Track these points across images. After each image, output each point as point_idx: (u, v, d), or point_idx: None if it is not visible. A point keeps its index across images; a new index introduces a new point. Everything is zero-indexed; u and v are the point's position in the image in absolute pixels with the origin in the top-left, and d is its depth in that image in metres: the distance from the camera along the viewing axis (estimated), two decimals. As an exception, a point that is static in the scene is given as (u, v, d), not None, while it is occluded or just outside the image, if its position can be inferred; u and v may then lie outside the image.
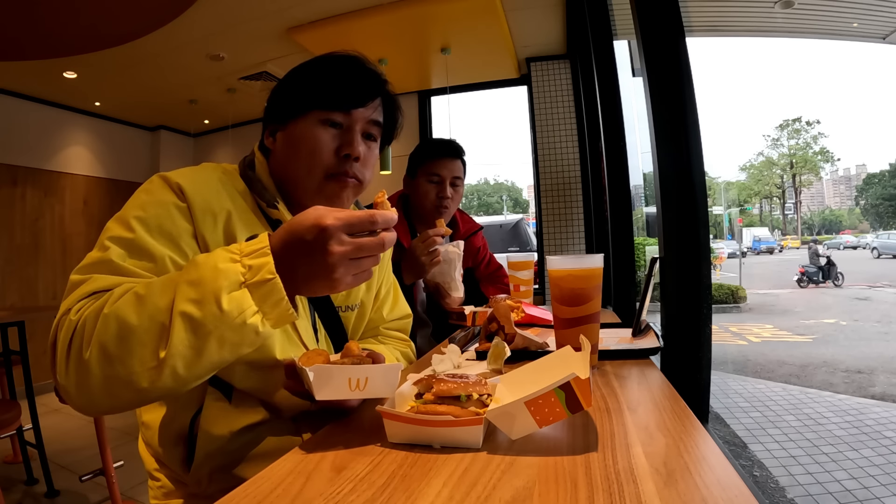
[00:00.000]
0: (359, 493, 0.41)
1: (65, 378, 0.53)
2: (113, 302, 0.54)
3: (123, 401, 0.53)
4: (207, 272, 0.52)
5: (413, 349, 1.04)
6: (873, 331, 5.73)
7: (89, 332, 0.52)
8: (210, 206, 0.69)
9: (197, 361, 0.52)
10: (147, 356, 0.51)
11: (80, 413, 0.57)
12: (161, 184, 0.69)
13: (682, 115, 0.86)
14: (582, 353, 0.55)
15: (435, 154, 1.53)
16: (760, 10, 3.54)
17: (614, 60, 1.92)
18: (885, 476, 2.31)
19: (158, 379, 0.51)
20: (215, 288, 0.51)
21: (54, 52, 3.09)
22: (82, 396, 0.53)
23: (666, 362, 0.86)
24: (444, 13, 2.96)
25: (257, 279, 0.52)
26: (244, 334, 0.52)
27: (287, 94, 0.78)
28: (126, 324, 0.51)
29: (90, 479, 2.05)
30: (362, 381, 0.54)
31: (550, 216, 3.76)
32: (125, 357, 0.51)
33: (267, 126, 0.82)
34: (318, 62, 0.79)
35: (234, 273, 0.52)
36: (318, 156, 0.74)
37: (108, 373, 0.51)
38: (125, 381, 0.51)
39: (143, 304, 0.52)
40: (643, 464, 0.43)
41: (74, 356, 0.52)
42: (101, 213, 4.58)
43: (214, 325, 0.51)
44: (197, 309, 0.51)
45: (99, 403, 0.53)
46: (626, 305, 1.69)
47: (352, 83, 0.76)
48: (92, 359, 0.51)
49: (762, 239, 18.48)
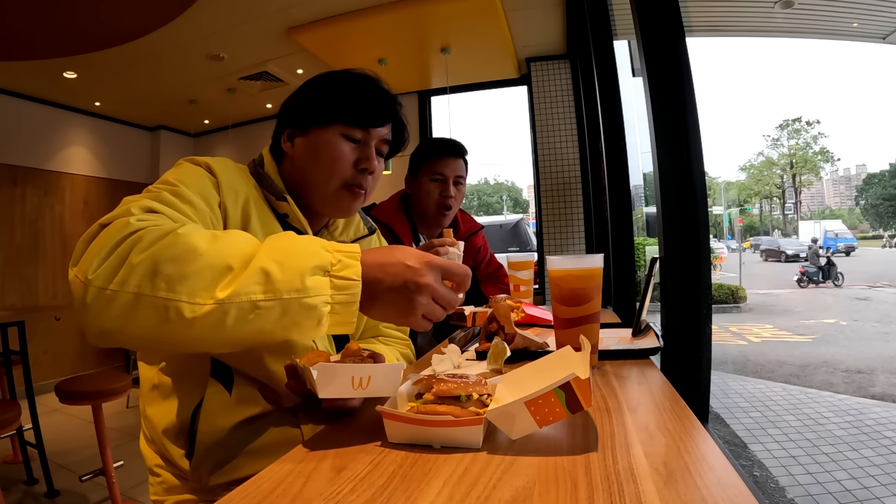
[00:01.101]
0: (359, 493, 0.41)
1: (92, 272, 0.48)
2: (182, 228, 0.52)
3: (138, 325, 0.49)
4: (299, 245, 0.53)
5: (413, 349, 1.04)
6: (873, 331, 5.73)
7: (148, 242, 0.50)
8: (233, 186, 0.73)
9: (247, 321, 0.49)
10: (198, 288, 0.48)
11: (83, 319, 0.50)
12: (189, 163, 0.72)
13: (682, 115, 0.86)
14: (582, 353, 0.55)
15: (438, 153, 1.53)
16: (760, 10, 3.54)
17: (614, 60, 1.92)
18: (885, 476, 2.31)
19: (201, 317, 0.48)
20: (302, 262, 0.51)
21: (60, 51, 3.10)
22: (100, 301, 0.48)
23: (666, 362, 0.86)
24: (444, 13, 2.96)
25: (343, 275, 0.52)
26: (307, 317, 0.51)
27: (311, 103, 0.81)
28: (193, 249, 0.49)
29: (90, 479, 2.06)
30: (365, 379, 0.54)
31: (550, 216, 3.76)
32: (175, 280, 0.48)
33: (284, 129, 0.84)
34: (343, 78, 0.83)
35: (324, 259, 0.52)
36: (338, 166, 0.80)
37: (144, 287, 0.48)
38: (159, 304, 0.48)
39: (217, 241, 0.51)
40: (643, 464, 0.43)
41: (119, 256, 0.49)
42: (100, 213, 4.41)
43: (288, 292, 0.50)
44: (279, 271, 0.50)
45: (110, 316, 0.48)
46: (626, 305, 1.69)
47: (373, 105, 0.81)
48: (139, 266, 0.48)
49: (839, 235, 12.78)
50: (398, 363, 0.58)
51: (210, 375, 0.70)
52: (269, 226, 0.76)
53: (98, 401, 2.04)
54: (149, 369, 0.76)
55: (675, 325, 0.86)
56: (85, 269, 0.49)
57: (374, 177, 0.83)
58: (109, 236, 0.51)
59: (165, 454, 0.73)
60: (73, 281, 0.50)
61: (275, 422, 0.73)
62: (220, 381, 0.70)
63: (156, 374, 0.74)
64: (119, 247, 0.50)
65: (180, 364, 0.73)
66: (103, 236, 0.52)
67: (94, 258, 0.50)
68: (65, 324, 4.19)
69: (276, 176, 0.82)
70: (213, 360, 0.70)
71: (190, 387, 0.71)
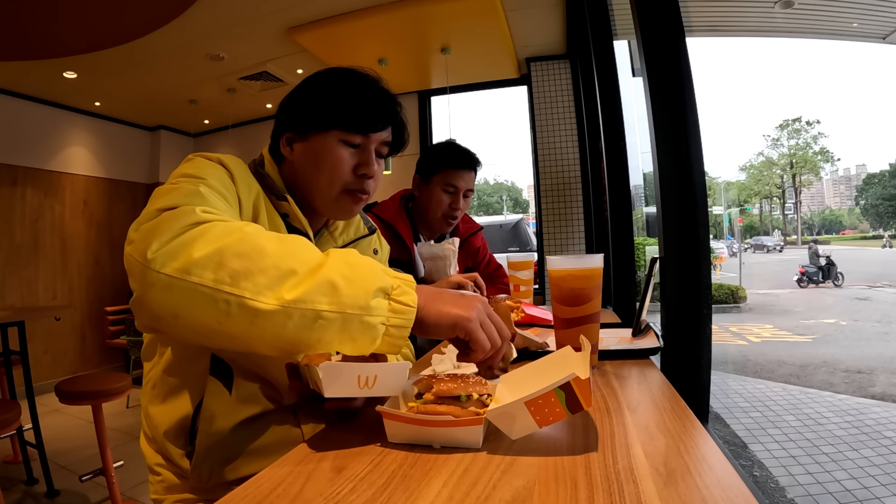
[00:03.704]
0: (359, 493, 0.41)
1: (152, 253, 0.48)
2: (249, 227, 0.52)
3: (194, 316, 0.48)
4: (363, 264, 0.54)
5: (412, 349, 1.04)
6: (873, 331, 5.73)
7: (216, 235, 0.50)
8: (245, 180, 0.74)
9: (307, 328, 0.49)
10: (263, 287, 0.48)
11: (138, 301, 0.50)
12: (202, 158, 0.72)
13: (682, 115, 0.86)
14: (582, 353, 0.55)
15: (455, 164, 1.50)
16: (760, 10, 3.54)
17: (614, 60, 1.92)
18: (885, 476, 2.31)
19: (263, 317, 0.48)
20: (368, 282, 0.52)
21: (60, 51, 3.10)
22: (158, 285, 0.48)
23: (666, 362, 0.86)
24: (444, 13, 2.96)
25: (401, 300, 0.54)
26: (364, 334, 0.52)
27: (309, 107, 0.81)
28: (260, 247, 0.50)
29: (90, 479, 2.06)
30: (371, 378, 0.53)
31: (550, 216, 3.76)
32: (241, 276, 0.48)
33: (283, 132, 0.83)
34: (341, 79, 0.81)
35: (386, 282, 0.54)
36: (338, 172, 0.79)
37: (207, 279, 0.48)
38: (219, 298, 0.47)
39: (283, 243, 0.52)
40: (643, 464, 0.43)
41: (183, 242, 0.49)
42: (100, 213, 4.58)
43: (352, 308, 0.51)
44: (346, 286, 0.51)
45: (167, 302, 0.48)
46: (626, 305, 1.69)
47: (372, 109, 0.80)
48: (204, 258, 0.48)
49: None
50: (404, 362, 0.58)
51: (210, 374, 0.70)
52: (274, 223, 0.77)
53: (98, 401, 2.04)
54: (150, 369, 0.76)
55: (675, 325, 0.86)
56: (143, 249, 0.49)
57: (374, 180, 0.84)
58: (173, 220, 0.51)
59: (166, 453, 0.73)
60: (128, 259, 0.50)
61: (275, 421, 0.73)
62: (219, 380, 0.70)
63: (157, 374, 0.74)
64: (184, 234, 0.50)
65: (181, 364, 0.73)
66: (166, 219, 0.51)
67: (155, 240, 0.49)
68: (65, 324, 4.19)
69: (277, 176, 0.82)
70: (213, 358, 0.70)
71: (190, 386, 0.71)
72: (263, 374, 0.73)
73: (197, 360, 0.71)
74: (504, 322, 0.90)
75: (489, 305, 0.61)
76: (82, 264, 4.43)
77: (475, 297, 0.61)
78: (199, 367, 0.71)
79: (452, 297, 0.59)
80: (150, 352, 0.77)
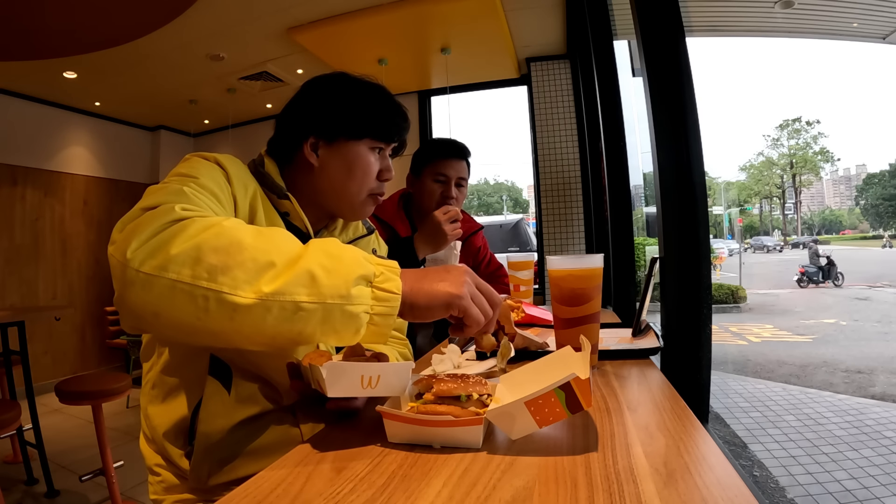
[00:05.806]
0: (359, 493, 0.41)
1: (131, 252, 0.48)
2: (227, 221, 0.52)
3: (174, 313, 0.48)
4: (344, 253, 0.53)
5: (410, 349, 1.04)
6: (873, 331, 5.72)
7: (193, 231, 0.50)
8: (242, 179, 0.74)
9: (287, 321, 0.49)
10: (241, 281, 0.48)
11: (120, 301, 0.50)
12: (199, 157, 0.72)
13: (682, 115, 0.86)
14: (582, 353, 0.55)
15: (441, 154, 1.53)
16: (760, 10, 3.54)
17: (614, 60, 1.92)
18: (885, 476, 2.31)
19: (242, 311, 0.48)
20: (348, 270, 0.51)
21: (60, 51, 3.09)
22: (137, 284, 0.48)
23: (666, 362, 0.86)
24: (444, 13, 2.96)
25: (385, 287, 0.53)
26: (347, 325, 0.51)
27: (341, 116, 0.82)
28: (238, 241, 0.50)
29: (90, 479, 2.06)
30: (374, 378, 0.53)
31: (550, 216, 3.76)
32: (218, 271, 0.48)
33: (304, 137, 0.83)
34: (364, 89, 0.85)
35: (368, 269, 0.53)
36: (369, 177, 0.84)
37: (184, 275, 0.47)
38: (197, 294, 0.47)
39: (261, 236, 0.52)
40: (643, 464, 0.43)
41: (161, 240, 0.49)
42: (100, 213, 4.57)
43: (332, 298, 0.50)
44: (325, 276, 0.50)
45: (147, 300, 0.48)
46: (626, 305, 1.69)
47: (397, 119, 0.86)
48: (181, 254, 0.48)
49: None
50: (407, 362, 0.58)
51: (208, 374, 0.70)
52: (272, 221, 0.77)
53: (98, 401, 2.04)
54: (149, 369, 0.76)
55: (675, 325, 0.86)
56: (123, 248, 0.49)
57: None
58: (153, 219, 0.51)
59: (165, 454, 0.73)
60: (111, 259, 0.50)
61: (274, 421, 0.73)
62: (218, 380, 0.70)
63: (156, 374, 0.74)
64: (162, 232, 0.50)
65: (180, 364, 0.73)
66: (146, 219, 0.51)
67: (134, 239, 0.49)
68: (65, 324, 4.19)
69: (277, 176, 0.82)
70: (212, 358, 0.70)
71: (189, 387, 0.71)
72: (262, 375, 0.73)
73: (196, 361, 0.71)
74: (504, 322, 0.91)
75: (474, 274, 0.60)
76: (82, 264, 4.43)
77: (461, 269, 0.59)
78: (197, 368, 0.70)
79: (438, 273, 0.58)
80: (148, 352, 0.77)
